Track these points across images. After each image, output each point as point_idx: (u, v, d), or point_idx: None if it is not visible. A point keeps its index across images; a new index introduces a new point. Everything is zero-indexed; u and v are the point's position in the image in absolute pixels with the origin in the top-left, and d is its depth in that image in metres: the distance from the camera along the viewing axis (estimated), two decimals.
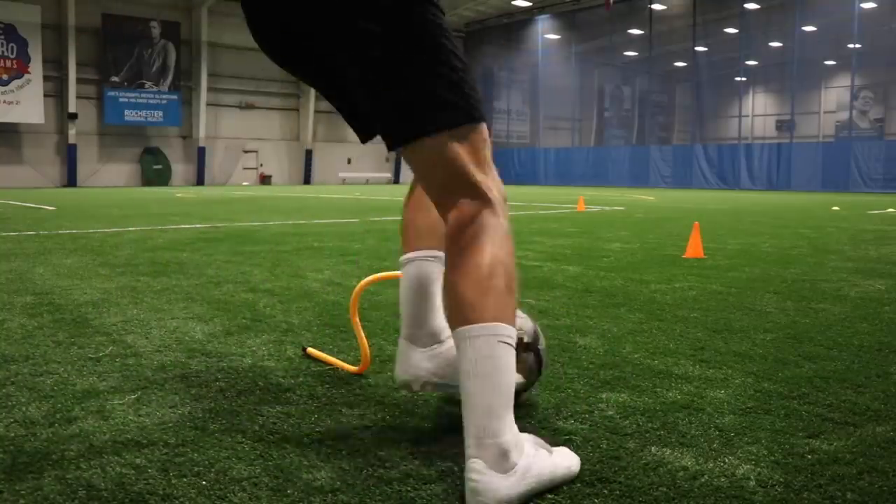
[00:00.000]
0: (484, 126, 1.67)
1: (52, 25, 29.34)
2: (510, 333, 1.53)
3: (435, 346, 1.89)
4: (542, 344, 2.04)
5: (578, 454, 1.67)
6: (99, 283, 4.07)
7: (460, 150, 1.60)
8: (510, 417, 1.49)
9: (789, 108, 30.22)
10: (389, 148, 1.67)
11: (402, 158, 1.68)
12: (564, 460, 1.58)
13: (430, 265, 1.90)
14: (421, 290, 1.89)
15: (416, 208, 1.96)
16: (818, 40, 32.30)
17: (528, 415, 1.95)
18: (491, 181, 1.63)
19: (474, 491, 1.44)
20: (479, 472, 1.45)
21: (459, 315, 1.54)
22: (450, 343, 1.86)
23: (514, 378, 1.53)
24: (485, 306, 1.52)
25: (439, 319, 1.89)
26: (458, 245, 1.57)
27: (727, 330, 2.99)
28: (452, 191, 1.60)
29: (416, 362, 1.89)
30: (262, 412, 1.96)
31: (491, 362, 1.49)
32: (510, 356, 1.52)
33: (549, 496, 1.48)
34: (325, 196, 18.11)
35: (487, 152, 1.67)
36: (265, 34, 1.74)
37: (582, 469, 1.60)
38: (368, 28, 1.55)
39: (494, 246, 1.56)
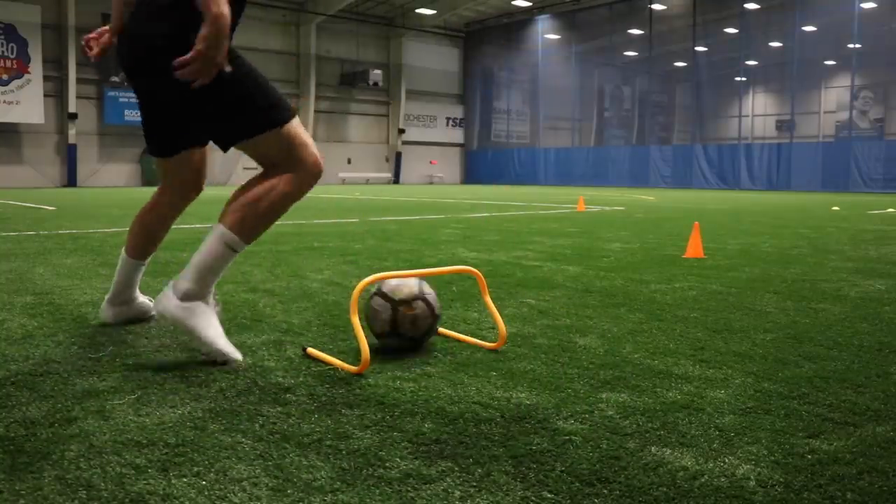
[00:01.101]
0: (291, 123, 2.46)
1: (52, 25, 29.32)
2: (233, 240, 2.43)
3: (123, 307, 3.01)
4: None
5: (578, 454, 1.67)
6: (99, 283, 4.07)
7: (275, 144, 2.45)
8: (204, 280, 2.43)
9: (789, 108, 30.21)
10: (224, 149, 2.49)
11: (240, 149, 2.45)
12: (225, 343, 2.43)
13: (140, 271, 3.02)
14: (130, 280, 2.98)
15: (153, 219, 2.98)
16: (818, 40, 32.27)
17: (528, 415, 1.95)
18: (301, 157, 2.47)
19: (156, 299, 2.50)
20: (165, 290, 2.46)
21: (221, 216, 2.44)
22: (137, 304, 3.04)
23: (219, 263, 2.44)
24: (236, 220, 2.42)
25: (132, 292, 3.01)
26: (257, 182, 2.47)
27: (727, 330, 2.99)
28: (277, 165, 2.47)
29: (110, 313, 3.01)
30: (262, 412, 1.96)
31: (212, 246, 2.43)
32: (222, 251, 2.43)
33: (549, 496, 1.48)
34: (325, 196, 18.11)
35: (300, 136, 2.47)
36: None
37: (582, 469, 1.60)
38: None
39: (275, 190, 2.43)
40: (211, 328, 2.42)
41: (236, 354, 2.45)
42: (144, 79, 2.49)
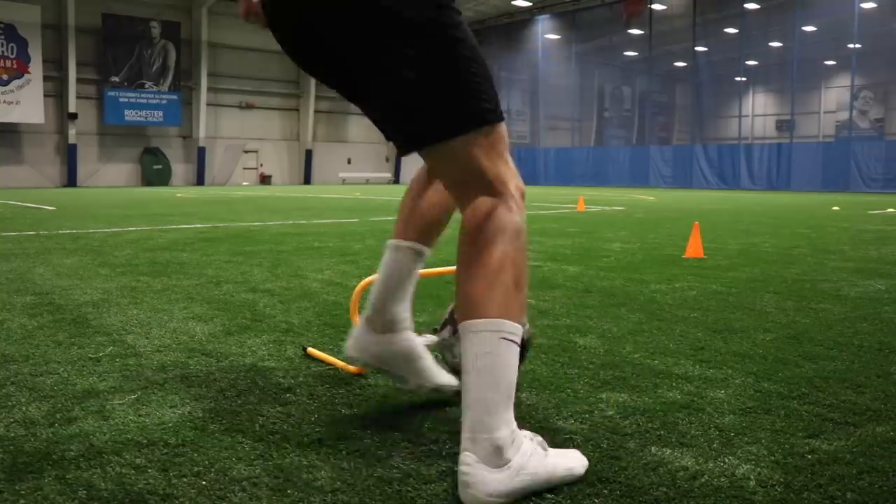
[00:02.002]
0: (501, 126, 1.66)
1: (52, 25, 29.34)
2: (513, 330, 1.52)
3: (388, 334, 1.97)
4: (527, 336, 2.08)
5: None
6: (99, 283, 4.07)
7: (476, 151, 1.61)
8: (508, 414, 1.49)
9: (789, 108, 30.22)
10: (404, 152, 1.68)
11: (421, 157, 1.71)
12: (565, 461, 1.57)
13: (410, 257, 2.01)
14: (392, 278, 1.98)
15: (418, 196, 2.05)
16: (818, 40, 32.31)
17: (528, 415, 1.95)
18: (507, 177, 1.64)
19: (464, 484, 1.45)
20: (469, 465, 1.46)
21: (465, 310, 1.55)
22: (404, 335, 1.97)
23: (514, 375, 1.52)
24: (489, 302, 1.52)
25: (401, 310, 1.97)
26: (471, 240, 1.59)
27: (727, 330, 2.99)
28: (469, 188, 1.62)
29: (363, 345, 1.99)
30: (262, 412, 1.96)
31: (490, 358, 1.49)
32: (511, 353, 1.51)
33: (549, 496, 1.48)
34: (325, 196, 18.11)
35: (503, 149, 1.67)
36: (292, 43, 1.69)
37: None
38: (401, 49, 1.55)
39: (505, 242, 1.57)
40: (545, 464, 1.53)
41: (578, 461, 1.60)
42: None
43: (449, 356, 2.15)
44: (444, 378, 2.01)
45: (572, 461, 1.58)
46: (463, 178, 1.62)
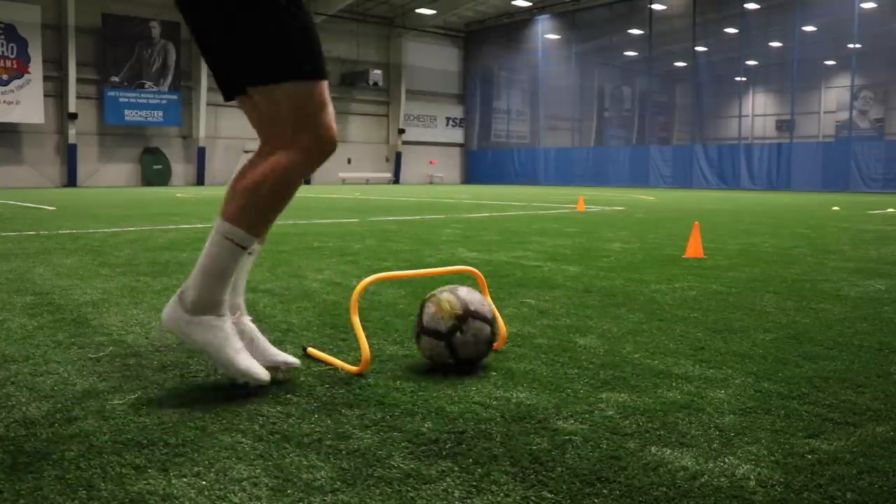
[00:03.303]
0: (315, 83, 2.04)
1: (52, 25, 29.32)
2: (236, 234, 2.06)
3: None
4: (459, 336, 2.32)
5: (578, 454, 1.67)
6: (99, 283, 4.07)
7: (283, 102, 2.03)
8: (210, 286, 2.07)
9: (789, 108, 30.21)
10: (230, 94, 2.13)
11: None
12: (245, 360, 2.08)
13: (247, 263, 2.30)
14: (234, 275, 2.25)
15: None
16: (818, 40, 32.30)
17: (528, 415, 1.95)
18: (315, 124, 2.06)
19: (164, 310, 2.14)
20: (172, 299, 2.13)
21: (220, 210, 2.10)
22: (242, 322, 2.28)
23: (223, 264, 2.07)
24: (232, 209, 2.08)
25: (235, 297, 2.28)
26: (256, 163, 2.11)
27: (727, 330, 2.99)
28: (281, 133, 2.07)
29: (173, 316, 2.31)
30: (262, 412, 1.96)
31: (213, 244, 2.07)
32: (225, 249, 2.07)
33: (549, 496, 1.48)
34: (325, 196, 18.11)
35: (311, 106, 2.04)
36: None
37: (582, 469, 1.60)
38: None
39: (277, 167, 2.06)
40: (227, 346, 2.06)
41: (261, 374, 2.07)
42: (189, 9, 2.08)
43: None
44: (276, 357, 2.26)
45: (256, 370, 2.08)
46: (270, 127, 2.08)
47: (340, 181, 37.56)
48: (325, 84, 2.06)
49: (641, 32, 34.88)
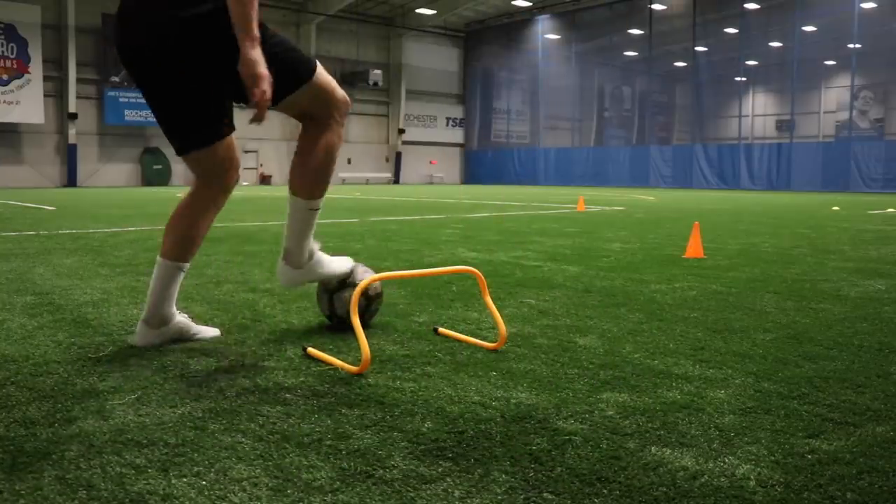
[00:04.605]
0: (319, 68, 2.65)
1: (52, 25, 29.32)
2: (316, 205, 2.75)
3: (163, 327, 2.70)
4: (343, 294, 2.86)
5: (578, 454, 1.68)
6: (99, 283, 4.07)
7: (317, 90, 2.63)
8: (306, 242, 2.75)
9: (789, 108, 30.22)
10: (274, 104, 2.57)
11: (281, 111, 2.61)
12: (339, 262, 2.87)
13: (180, 278, 2.76)
14: (166, 292, 2.71)
15: (193, 217, 2.78)
16: (818, 40, 32.29)
17: (528, 415, 1.95)
18: (333, 100, 2.67)
19: (279, 276, 2.79)
20: (280, 268, 2.78)
21: (291, 188, 2.74)
22: (175, 322, 2.72)
23: (311, 226, 2.76)
24: (305, 189, 2.71)
25: (171, 310, 2.72)
26: (308, 146, 2.70)
27: (727, 330, 2.99)
28: (314, 115, 2.65)
29: (147, 336, 2.68)
30: (262, 412, 1.96)
31: (299, 217, 2.72)
32: (311, 215, 2.74)
33: (549, 496, 1.48)
34: (325, 196, 18.10)
35: (331, 83, 2.67)
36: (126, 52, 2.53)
37: (582, 469, 1.60)
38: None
39: (325, 145, 2.69)
40: (333, 263, 2.84)
41: (349, 264, 2.91)
42: (171, 69, 2.44)
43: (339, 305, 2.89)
44: (209, 333, 2.83)
45: (349, 263, 2.93)
46: (311, 109, 2.69)
47: (340, 181, 37.55)
48: (321, 67, 2.64)
49: (641, 32, 34.88)
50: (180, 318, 2.75)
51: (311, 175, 2.68)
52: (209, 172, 2.71)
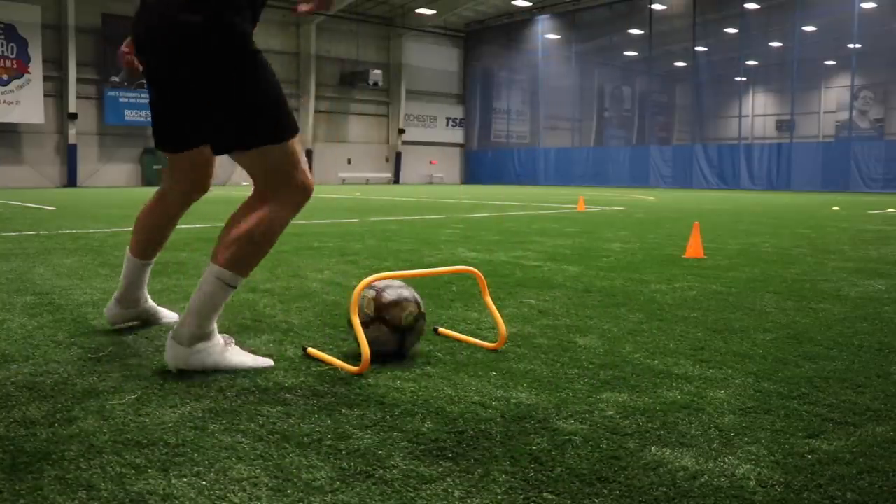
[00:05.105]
0: (292, 140, 2.39)
1: (52, 25, 29.31)
2: (229, 278, 2.35)
3: (132, 309, 2.94)
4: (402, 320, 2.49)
5: (578, 454, 1.68)
6: (99, 283, 4.07)
7: (274, 160, 2.37)
8: (204, 321, 2.34)
9: (789, 108, 30.20)
10: (218, 152, 2.44)
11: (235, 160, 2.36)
12: (247, 358, 2.40)
13: (146, 272, 2.94)
14: (136, 280, 2.91)
15: (158, 218, 2.87)
16: (818, 40, 32.28)
17: (528, 415, 1.95)
18: (293, 177, 2.39)
19: (166, 353, 2.36)
20: (168, 342, 2.35)
21: (213, 254, 2.36)
22: (144, 305, 2.97)
23: (217, 301, 2.35)
24: (227, 256, 2.33)
25: (141, 294, 2.95)
26: (247, 212, 2.37)
27: (727, 330, 2.99)
28: (266, 183, 2.39)
29: (116, 313, 2.91)
30: (262, 412, 1.96)
31: (209, 287, 2.34)
32: (219, 289, 2.34)
33: (549, 496, 1.48)
34: (325, 196, 18.10)
35: (291, 162, 2.39)
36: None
37: (582, 469, 1.60)
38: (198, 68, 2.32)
39: (266, 218, 2.35)
40: (232, 356, 2.37)
41: (266, 362, 2.42)
42: (170, 66, 2.36)
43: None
44: (168, 317, 3.05)
45: (262, 361, 2.42)
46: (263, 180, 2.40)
47: (340, 181, 37.57)
48: (297, 140, 2.41)
49: (641, 32, 34.86)
50: (151, 303, 3.04)
51: (236, 245, 2.32)
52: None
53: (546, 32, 37.02)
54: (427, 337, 2.81)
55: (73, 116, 30.11)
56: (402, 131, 38.72)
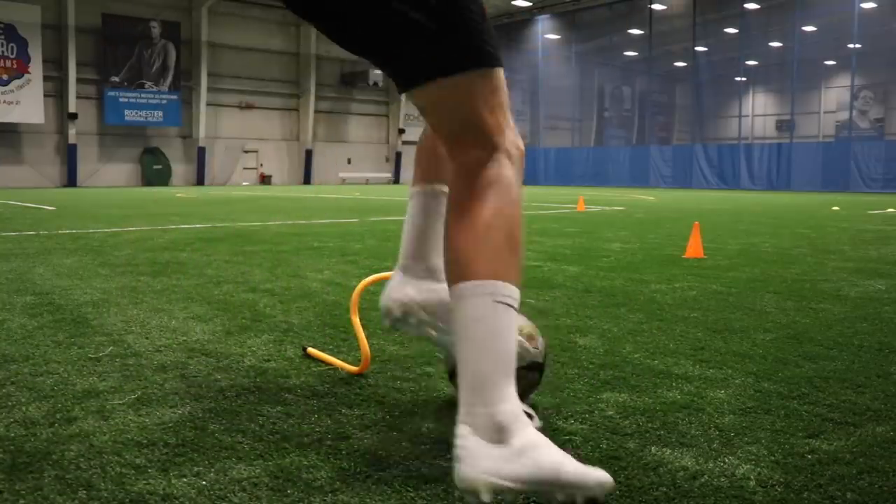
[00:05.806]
0: (500, 71, 1.55)
1: (52, 25, 29.33)
2: (508, 293, 1.38)
3: (430, 280, 1.81)
4: (546, 360, 1.98)
5: (578, 454, 1.67)
6: (99, 283, 4.07)
7: (473, 95, 1.49)
8: (508, 388, 1.33)
9: (789, 108, 30.22)
10: (400, 90, 1.62)
11: (410, 101, 1.61)
12: (580, 466, 1.30)
13: (439, 201, 1.81)
14: (424, 225, 1.84)
15: (432, 143, 1.89)
16: (818, 40, 32.31)
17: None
18: (504, 129, 1.51)
19: (458, 458, 1.29)
20: (464, 437, 1.30)
21: (455, 271, 1.42)
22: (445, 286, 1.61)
23: (512, 343, 1.37)
24: (479, 261, 1.39)
25: (439, 259, 1.76)
26: (460, 195, 1.47)
27: (727, 330, 2.99)
28: (462, 136, 1.49)
29: (404, 290, 1.81)
30: (262, 412, 1.96)
31: (484, 325, 1.35)
32: (507, 318, 1.37)
33: None
34: (325, 196, 18.10)
35: (504, 99, 1.53)
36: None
37: None
38: None
39: (498, 198, 1.44)
40: (554, 458, 1.31)
41: (596, 473, 1.31)
42: None
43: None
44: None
45: (592, 471, 1.30)
46: (455, 126, 1.51)
47: (340, 181, 37.56)
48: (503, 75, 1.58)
49: (641, 32, 34.88)
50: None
51: (483, 241, 1.42)
52: None
53: (546, 32, 37.03)
54: (427, 337, 2.80)
55: (73, 116, 30.12)
56: (402, 131, 38.73)
